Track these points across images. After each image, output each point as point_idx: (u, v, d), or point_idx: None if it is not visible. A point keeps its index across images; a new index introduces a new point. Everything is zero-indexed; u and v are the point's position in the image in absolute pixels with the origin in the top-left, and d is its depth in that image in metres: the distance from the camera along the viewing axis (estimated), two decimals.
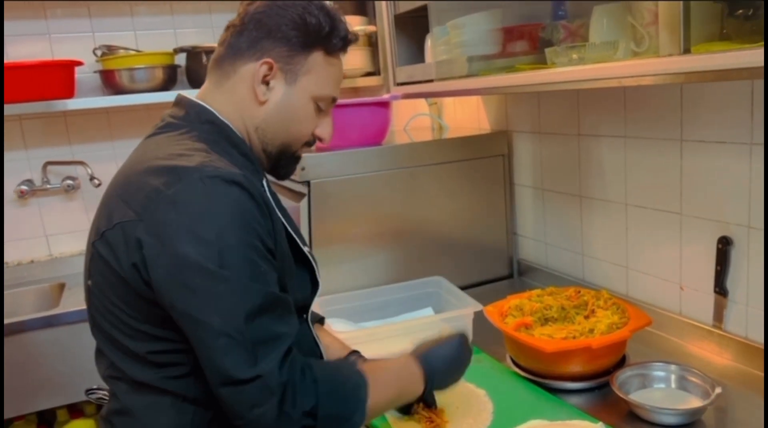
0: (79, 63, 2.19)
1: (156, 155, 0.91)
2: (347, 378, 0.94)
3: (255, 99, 0.98)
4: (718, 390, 1.09)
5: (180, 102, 1.02)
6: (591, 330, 1.22)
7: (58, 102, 2.12)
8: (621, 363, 1.28)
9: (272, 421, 0.83)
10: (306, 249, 1.04)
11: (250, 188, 0.86)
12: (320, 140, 1.06)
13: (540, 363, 1.25)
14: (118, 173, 0.96)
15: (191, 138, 0.95)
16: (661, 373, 1.21)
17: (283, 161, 1.05)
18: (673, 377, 1.20)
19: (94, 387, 1.22)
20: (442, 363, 1.07)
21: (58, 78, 2.12)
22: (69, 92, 2.17)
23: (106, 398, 1.19)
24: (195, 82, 2.33)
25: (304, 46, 0.98)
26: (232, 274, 0.81)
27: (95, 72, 2.27)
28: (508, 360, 1.36)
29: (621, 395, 1.12)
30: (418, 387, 1.03)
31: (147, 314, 0.88)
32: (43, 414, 2.18)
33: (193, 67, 2.32)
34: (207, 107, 0.99)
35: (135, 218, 0.84)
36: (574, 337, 1.21)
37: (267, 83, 0.98)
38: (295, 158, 1.07)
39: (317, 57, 0.99)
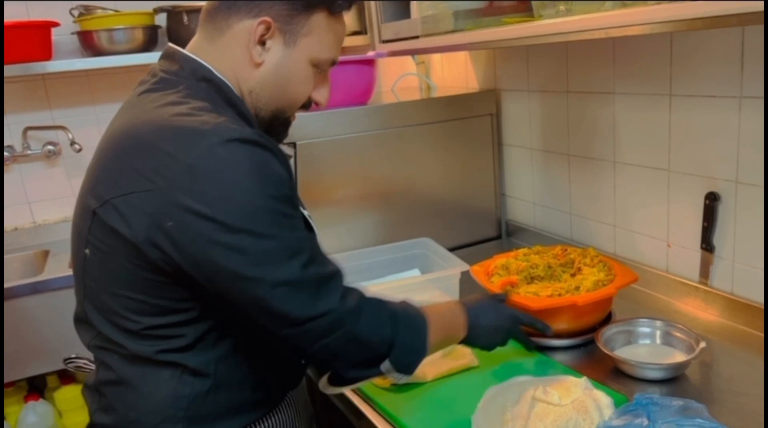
0: (56, 24, 2.13)
1: (159, 114, 0.84)
2: (415, 313, 0.95)
3: (250, 60, 0.91)
4: (702, 344, 1.10)
5: (172, 55, 0.94)
6: (577, 288, 1.22)
7: (36, 65, 2.06)
8: (607, 320, 1.28)
9: (340, 349, 0.85)
10: (306, 213, 1.01)
11: (269, 144, 0.83)
12: (317, 104, 1.00)
13: None
14: (114, 132, 0.89)
15: (190, 96, 0.88)
16: (646, 329, 1.21)
17: (275, 126, 0.98)
18: (658, 333, 1.20)
19: (73, 356, 1.20)
20: (486, 321, 1.07)
21: (34, 40, 2.05)
22: (46, 54, 2.11)
23: (87, 367, 1.18)
24: (177, 43, 2.26)
25: (306, 6, 0.90)
26: (274, 231, 0.80)
27: (73, 33, 2.21)
28: None
29: (606, 351, 1.13)
30: (460, 334, 1.04)
31: (154, 286, 0.84)
32: (34, 381, 2.18)
33: (174, 27, 2.25)
34: (203, 62, 0.91)
35: (152, 188, 0.79)
36: (559, 294, 1.21)
37: (263, 44, 0.90)
38: (288, 123, 1.01)
39: (320, 17, 0.91)
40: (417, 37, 1.56)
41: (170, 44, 0.96)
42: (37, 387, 2.20)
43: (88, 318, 0.91)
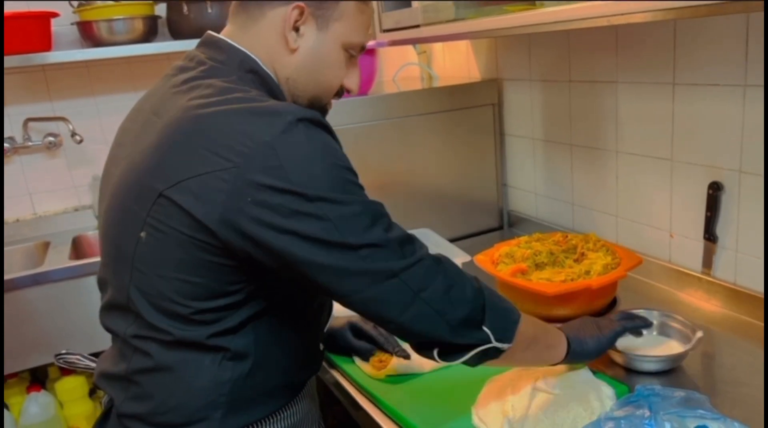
0: (55, 14, 2.11)
1: (227, 99, 0.84)
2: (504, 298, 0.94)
3: (285, 46, 0.92)
4: (699, 334, 1.09)
5: (216, 43, 0.94)
6: (587, 272, 1.23)
7: (36, 56, 2.05)
8: (612, 305, 1.28)
9: (440, 299, 0.83)
10: None
11: (329, 126, 0.86)
12: (348, 91, 1.01)
13: (538, 306, 1.24)
14: (173, 116, 0.86)
15: (246, 84, 0.89)
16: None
17: None
18: (654, 323, 1.19)
19: (63, 351, 1.18)
20: (583, 350, 1.02)
21: (33, 30, 2.04)
22: (46, 45, 2.10)
23: (81, 362, 1.17)
24: (177, 33, 2.26)
25: None
26: (353, 198, 0.81)
27: (72, 24, 2.19)
28: None
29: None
30: (557, 356, 0.99)
31: (213, 268, 0.84)
32: (36, 372, 2.19)
33: (174, 17, 2.24)
34: (250, 54, 0.92)
35: (229, 166, 0.79)
36: (572, 279, 1.21)
37: (297, 29, 0.92)
38: (325, 111, 1.01)
39: (350, 3, 0.93)
40: (418, 26, 1.55)
41: (211, 32, 0.96)
42: (38, 378, 2.20)
43: (132, 305, 0.90)
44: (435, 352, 0.88)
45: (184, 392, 0.89)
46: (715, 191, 1.28)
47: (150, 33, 2.23)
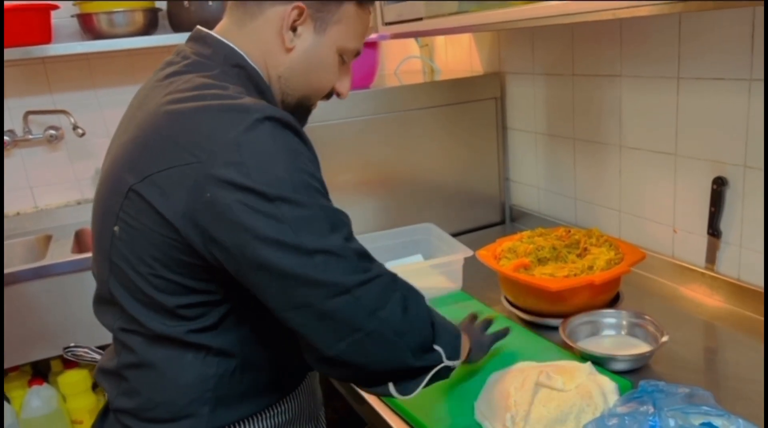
0: (55, 6, 2.10)
1: (202, 94, 0.84)
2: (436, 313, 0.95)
3: (281, 45, 0.92)
4: (665, 338, 1.08)
5: (203, 38, 0.94)
6: (590, 267, 1.23)
7: (36, 48, 2.04)
8: (615, 300, 1.28)
9: (399, 320, 0.82)
10: None
11: (301, 131, 0.84)
12: (338, 95, 1.01)
13: (541, 302, 1.25)
14: (150, 110, 0.87)
15: (226, 80, 0.89)
16: (611, 320, 1.20)
17: (298, 113, 0.99)
18: (624, 323, 1.19)
19: (72, 345, 1.18)
20: (479, 349, 1.07)
21: (33, 23, 2.04)
22: (46, 37, 2.09)
23: (88, 356, 1.17)
24: (177, 26, 2.25)
25: None
26: (313, 201, 0.80)
27: (72, 16, 2.18)
28: (504, 302, 1.35)
29: (569, 342, 1.12)
30: (463, 355, 1.00)
31: (187, 264, 0.83)
32: (37, 365, 2.18)
33: (175, 10, 2.22)
34: (236, 48, 0.92)
35: (192, 161, 0.79)
36: (575, 275, 1.21)
37: (294, 29, 0.92)
38: (309, 111, 1.02)
39: (349, 7, 0.93)
40: (420, 19, 1.54)
41: (200, 27, 0.96)
42: (41, 372, 2.20)
43: (115, 298, 0.90)
44: (390, 386, 0.87)
45: (170, 388, 0.89)
46: (719, 186, 1.27)
47: (150, 26, 2.22)
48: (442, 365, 0.88)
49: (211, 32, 0.94)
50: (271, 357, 0.94)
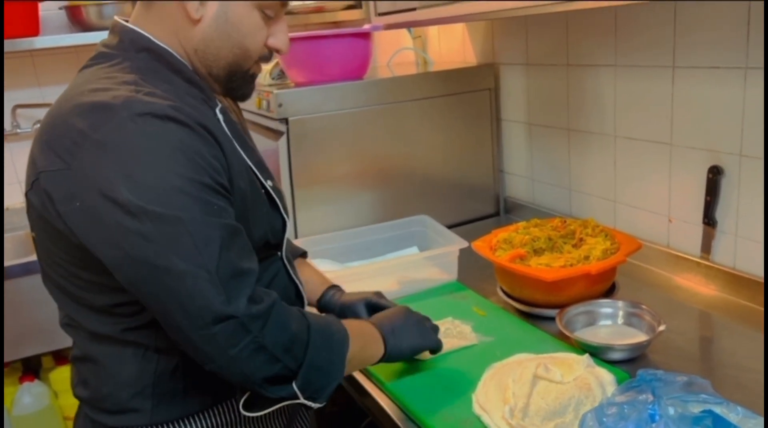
0: None
1: (81, 91, 0.81)
2: (338, 329, 0.91)
3: (187, 18, 0.86)
4: (662, 327, 1.08)
5: (112, 29, 0.91)
6: (586, 257, 1.22)
7: (23, 41, 2.02)
8: (611, 290, 1.28)
9: (248, 361, 0.79)
10: (269, 184, 0.97)
11: (187, 120, 0.78)
12: (277, 51, 0.94)
13: (537, 292, 1.24)
14: (47, 113, 0.87)
15: (123, 69, 0.85)
16: (608, 310, 1.19)
17: (235, 82, 0.94)
18: (621, 313, 1.18)
19: None
20: (393, 326, 1.02)
21: (20, 15, 2.01)
22: (34, 30, 2.06)
23: None
24: None
25: None
26: (183, 214, 0.75)
27: (60, 8, 2.15)
28: (499, 293, 1.34)
29: (566, 332, 1.11)
30: (379, 348, 0.99)
31: (95, 263, 0.80)
32: (29, 362, 2.16)
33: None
34: (141, 32, 0.87)
35: (62, 167, 0.77)
36: (571, 265, 1.20)
37: None
38: (251, 76, 0.96)
39: None
40: (414, 9, 1.52)
41: (116, 17, 0.92)
42: (32, 368, 2.18)
43: (53, 296, 0.92)
44: (241, 403, 0.87)
45: (112, 382, 0.90)
46: (714, 175, 1.27)
47: None
48: (297, 401, 0.86)
49: (120, 20, 0.90)
50: None
